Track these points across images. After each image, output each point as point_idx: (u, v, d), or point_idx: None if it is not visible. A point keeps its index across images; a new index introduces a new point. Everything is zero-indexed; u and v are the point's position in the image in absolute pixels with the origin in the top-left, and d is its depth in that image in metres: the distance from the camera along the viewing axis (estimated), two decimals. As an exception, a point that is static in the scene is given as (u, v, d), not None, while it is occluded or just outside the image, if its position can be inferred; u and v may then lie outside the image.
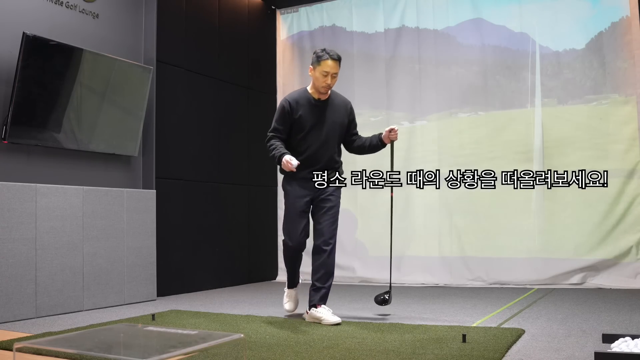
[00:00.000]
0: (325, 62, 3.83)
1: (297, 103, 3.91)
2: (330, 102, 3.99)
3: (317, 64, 3.86)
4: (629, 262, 5.66)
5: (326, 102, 3.97)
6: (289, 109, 3.90)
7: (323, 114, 3.95)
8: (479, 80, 6.35)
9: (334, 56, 3.86)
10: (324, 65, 3.83)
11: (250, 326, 3.76)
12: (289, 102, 3.92)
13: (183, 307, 4.68)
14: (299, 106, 3.91)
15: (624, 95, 5.80)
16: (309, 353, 2.94)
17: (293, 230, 3.97)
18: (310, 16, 7.19)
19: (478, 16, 6.38)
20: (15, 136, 4.29)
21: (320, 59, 3.86)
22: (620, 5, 5.81)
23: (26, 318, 4.12)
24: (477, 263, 6.18)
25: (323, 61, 3.84)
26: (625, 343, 2.78)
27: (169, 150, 5.61)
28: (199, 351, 2.74)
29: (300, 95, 3.95)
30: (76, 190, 4.58)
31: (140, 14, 5.51)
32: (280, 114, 3.93)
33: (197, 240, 5.91)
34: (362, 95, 6.83)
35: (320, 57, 3.86)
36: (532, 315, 4.06)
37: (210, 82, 6.19)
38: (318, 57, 3.87)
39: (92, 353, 2.22)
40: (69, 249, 4.47)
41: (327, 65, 3.83)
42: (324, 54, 3.86)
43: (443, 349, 2.99)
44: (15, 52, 4.29)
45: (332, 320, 3.79)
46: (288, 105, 3.91)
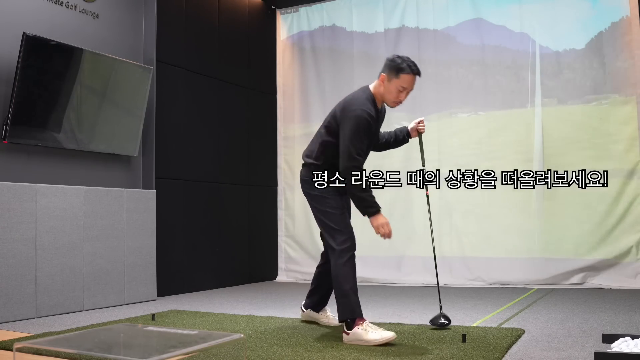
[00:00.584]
0: (406, 76, 3.28)
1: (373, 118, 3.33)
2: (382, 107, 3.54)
3: (395, 77, 3.28)
4: (629, 262, 5.66)
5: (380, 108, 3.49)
6: (370, 125, 3.31)
7: (378, 125, 3.53)
8: (479, 80, 6.35)
9: (417, 71, 3.30)
10: (403, 80, 3.28)
11: (250, 326, 3.76)
12: (371, 117, 3.30)
13: (183, 307, 4.68)
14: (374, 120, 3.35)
15: (624, 95, 5.80)
16: (309, 353, 2.94)
17: (349, 228, 3.39)
18: (310, 16, 7.19)
19: (478, 16, 6.38)
20: (15, 136, 4.29)
21: (400, 71, 3.27)
22: (620, 5, 5.81)
23: (26, 318, 4.13)
24: (477, 263, 6.18)
25: (404, 75, 3.27)
26: (625, 343, 2.78)
27: (169, 150, 5.61)
28: (199, 351, 2.74)
29: (371, 105, 3.32)
30: (76, 190, 4.58)
31: (140, 14, 5.51)
32: (365, 131, 3.27)
33: (197, 240, 5.91)
34: (362, 95, 6.83)
35: (402, 70, 3.27)
36: (532, 315, 4.06)
37: (210, 82, 6.19)
38: (398, 68, 3.28)
39: (92, 353, 2.22)
40: (69, 249, 4.47)
41: (407, 81, 3.29)
42: (406, 67, 3.27)
43: (443, 349, 2.99)
44: (15, 52, 4.29)
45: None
46: (370, 120, 3.29)
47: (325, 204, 3.40)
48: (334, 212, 3.38)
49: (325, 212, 3.40)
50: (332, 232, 3.36)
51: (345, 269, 3.27)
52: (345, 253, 3.29)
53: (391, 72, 3.30)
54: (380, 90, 3.36)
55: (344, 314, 3.25)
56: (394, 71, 3.29)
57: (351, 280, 3.27)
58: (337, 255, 3.29)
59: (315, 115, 7.03)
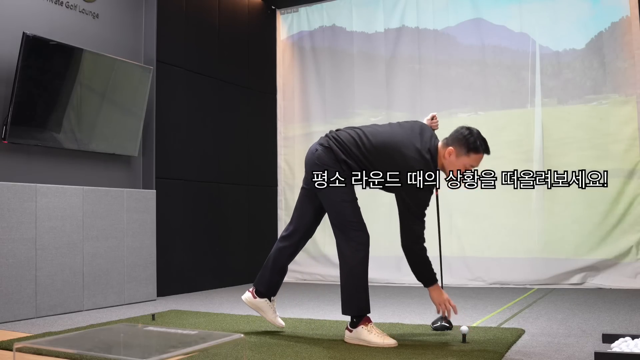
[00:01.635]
0: (477, 156, 3.11)
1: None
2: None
3: (466, 154, 3.11)
4: (629, 262, 5.66)
5: None
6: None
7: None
8: (479, 80, 6.35)
9: (488, 151, 3.13)
10: (474, 159, 3.12)
11: (250, 326, 3.76)
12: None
13: (183, 307, 4.68)
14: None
15: (624, 95, 5.80)
16: (309, 353, 2.94)
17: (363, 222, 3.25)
18: (310, 16, 7.19)
19: (478, 16, 6.38)
20: (15, 136, 4.29)
21: (473, 151, 3.10)
22: (620, 5, 5.81)
23: (26, 318, 4.12)
24: (477, 263, 6.18)
25: (475, 155, 3.11)
26: (625, 343, 2.78)
27: (169, 150, 5.61)
28: (199, 351, 2.74)
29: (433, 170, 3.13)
30: (76, 190, 4.58)
31: (140, 14, 5.51)
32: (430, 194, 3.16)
33: (197, 240, 5.91)
34: (362, 95, 6.83)
35: (475, 149, 3.09)
36: (532, 315, 4.06)
37: (210, 82, 6.19)
38: (471, 147, 3.09)
39: (92, 353, 2.22)
40: (69, 249, 4.47)
41: (477, 160, 3.13)
42: (480, 146, 3.09)
43: (443, 349, 2.99)
44: (15, 52, 4.29)
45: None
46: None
47: (339, 195, 3.21)
48: (348, 204, 3.21)
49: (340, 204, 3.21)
50: (346, 226, 3.20)
51: (361, 265, 3.17)
52: (363, 248, 3.18)
53: (461, 148, 3.12)
54: (445, 161, 3.18)
55: (352, 309, 3.17)
56: (464, 148, 3.11)
57: (364, 277, 3.18)
58: (354, 249, 3.17)
59: (315, 115, 7.04)
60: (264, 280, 3.52)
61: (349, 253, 3.19)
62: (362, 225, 3.22)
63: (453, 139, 3.16)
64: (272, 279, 3.50)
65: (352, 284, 3.17)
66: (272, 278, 3.49)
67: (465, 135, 3.12)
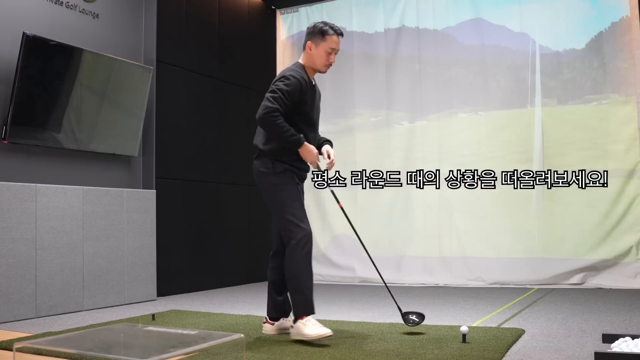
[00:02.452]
0: (331, 37, 3.37)
1: (305, 82, 3.39)
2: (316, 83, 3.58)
3: (322, 40, 3.37)
4: (629, 262, 5.66)
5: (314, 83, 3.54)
6: (300, 88, 3.34)
7: (314, 97, 3.53)
8: (479, 80, 6.35)
9: (339, 31, 3.42)
10: (330, 42, 3.37)
11: (250, 326, 3.76)
12: (303, 79, 3.37)
13: (183, 307, 4.68)
14: (306, 86, 3.40)
15: (624, 95, 5.80)
16: (309, 353, 2.94)
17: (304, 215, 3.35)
18: (310, 16, 7.19)
19: (478, 16, 6.38)
20: (15, 136, 4.29)
21: (325, 33, 3.36)
22: (620, 5, 5.81)
23: (26, 318, 4.12)
24: (477, 263, 6.18)
25: (329, 37, 3.36)
26: (625, 343, 2.78)
27: (169, 150, 5.61)
28: (199, 351, 2.74)
29: (302, 73, 3.41)
30: (76, 190, 4.58)
31: (140, 14, 5.51)
32: (293, 89, 3.31)
33: (197, 240, 5.91)
34: (362, 95, 6.83)
35: (326, 32, 3.37)
36: (532, 315, 4.06)
37: (210, 82, 6.19)
38: (322, 31, 3.37)
39: (92, 353, 2.22)
40: (69, 249, 4.47)
41: (333, 42, 3.38)
42: (329, 29, 3.38)
43: (443, 349, 2.99)
44: (15, 52, 4.29)
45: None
46: (302, 82, 3.35)
47: (282, 194, 3.35)
48: (292, 203, 3.33)
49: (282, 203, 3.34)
50: (289, 225, 3.29)
51: (303, 263, 3.25)
52: (304, 244, 3.25)
53: (316, 38, 3.39)
54: (310, 59, 3.43)
55: (301, 310, 3.24)
56: (319, 36, 3.38)
57: (308, 276, 3.26)
58: (293, 248, 3.25)
59: (315, 115, 7.03)
60: (270, 306, 3.56)
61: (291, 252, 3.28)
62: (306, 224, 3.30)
63: (308, 36, 3.43)
64: (276, 301, 3.54)
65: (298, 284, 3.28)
66: (275, 300, 3.54)
67: (314, 26, 3.41)
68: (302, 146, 3.33)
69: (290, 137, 3.29)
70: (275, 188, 3.39)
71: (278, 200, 3.37)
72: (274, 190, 3.39)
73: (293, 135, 3.29)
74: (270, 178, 3.39)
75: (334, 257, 6.72)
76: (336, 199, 3.57)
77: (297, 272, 3.26)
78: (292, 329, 3.28)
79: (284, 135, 3.29)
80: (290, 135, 3.29)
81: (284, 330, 3.49)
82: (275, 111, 3.28)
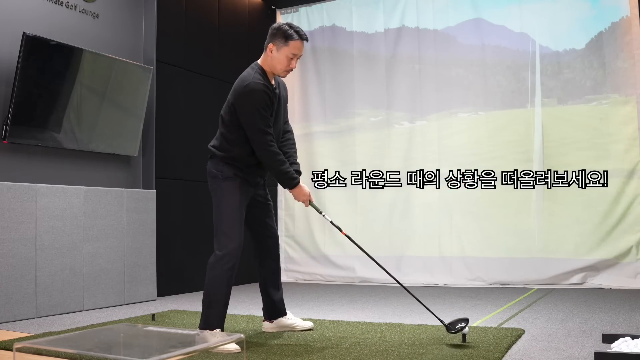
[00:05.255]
0: (295, 43, 3.22)
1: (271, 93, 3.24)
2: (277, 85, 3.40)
3: (284, 44, 3.21)
4: (629, 262, 5.66)
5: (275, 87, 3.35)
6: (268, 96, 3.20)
7: (279, 106, 3.41)
8: (479, 80, 6.35)
9: (304, 36, 3.26)
10: (293, 47, 3.21)
11: (250, 326, 3.77)
12: (268, 88, 3.22)
13: (183, 307, 4.68)
14: (272, 97, 3.25)
15: (624, 95, 5.80)
16: (309, 353, 2.94)
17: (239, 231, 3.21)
18: (310, 16, 7.18)
19: (478, 16, 6.38)
20: (15, 136, 4.29)
21: (289, 38, 3.20)
22: (620, 5, 5.81)
23: (26, 318, 4.12)
24: (477, 263, 6.18)
25: (293, 42, 3.21)
26: (625, 343, 2.78)
27: (169, 150, 5.61)
28: (199, 351, 2.74)
29: (266, 83, 3.24)
30: (76, 190, 4.58)
31: (140, 14, 5.51)
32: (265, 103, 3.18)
33: (197, 240, 5.91)
34: (362, 95, 6.83)
35: (290, 37, 3.20)
36: (532, 315, 4.06)
37: (210, 82, 6.19)
38: (286, 35, 3.20)
39: (92, 353, 2.22)
40: (69, 249, 4.47)
41: (296, 47, 3.23)
42: (294, 33, 3.21)
43: (443, 349, 2.99)
44: (15, 52, 4.29)
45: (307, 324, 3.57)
46: (267, 91, 3.20)
47: (224, 201, 3.23)
48: (231, 213, 3.20)
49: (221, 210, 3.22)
50: (220, 234, 3.20)
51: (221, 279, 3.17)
52: (228, 260, 3.16)
53: (278, 41, 3.23)
54: (270, 62, 3.28)
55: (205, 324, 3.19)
56: (282, 40, 3.22)
57: (225, 293, 3.19)
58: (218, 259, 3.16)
59: (315, 115, 7.02)
60: (264, 309, 3.63)
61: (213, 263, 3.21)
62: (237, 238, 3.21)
63: (270, 37, 3.28)
64: (266, 302, 3.59)
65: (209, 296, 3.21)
66: (266, 301, 3.60)
67: (279, 28, 3.25)
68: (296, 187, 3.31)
69: (289, 179, 3.26)
70: (219, 193, 3.26)
71: (219, 205, 3.24)
72: (218, 195, 3.27)
73: (293, 179, 3.27)
74: (218, 182, 3.26)
75: (334, 257, 6.72)
76: (339, 229, 3.55)
77: (212, 288, 3.18)
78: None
79: (283, 175, 3.25)
80: (289, 178, 3.26)
81: (283, 327, 3.54)
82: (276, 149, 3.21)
